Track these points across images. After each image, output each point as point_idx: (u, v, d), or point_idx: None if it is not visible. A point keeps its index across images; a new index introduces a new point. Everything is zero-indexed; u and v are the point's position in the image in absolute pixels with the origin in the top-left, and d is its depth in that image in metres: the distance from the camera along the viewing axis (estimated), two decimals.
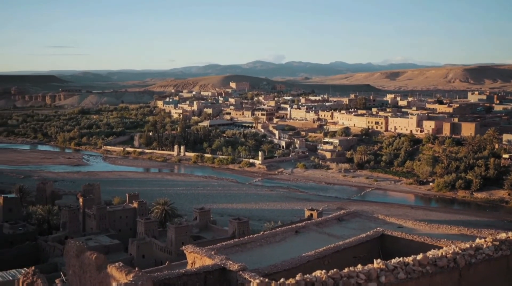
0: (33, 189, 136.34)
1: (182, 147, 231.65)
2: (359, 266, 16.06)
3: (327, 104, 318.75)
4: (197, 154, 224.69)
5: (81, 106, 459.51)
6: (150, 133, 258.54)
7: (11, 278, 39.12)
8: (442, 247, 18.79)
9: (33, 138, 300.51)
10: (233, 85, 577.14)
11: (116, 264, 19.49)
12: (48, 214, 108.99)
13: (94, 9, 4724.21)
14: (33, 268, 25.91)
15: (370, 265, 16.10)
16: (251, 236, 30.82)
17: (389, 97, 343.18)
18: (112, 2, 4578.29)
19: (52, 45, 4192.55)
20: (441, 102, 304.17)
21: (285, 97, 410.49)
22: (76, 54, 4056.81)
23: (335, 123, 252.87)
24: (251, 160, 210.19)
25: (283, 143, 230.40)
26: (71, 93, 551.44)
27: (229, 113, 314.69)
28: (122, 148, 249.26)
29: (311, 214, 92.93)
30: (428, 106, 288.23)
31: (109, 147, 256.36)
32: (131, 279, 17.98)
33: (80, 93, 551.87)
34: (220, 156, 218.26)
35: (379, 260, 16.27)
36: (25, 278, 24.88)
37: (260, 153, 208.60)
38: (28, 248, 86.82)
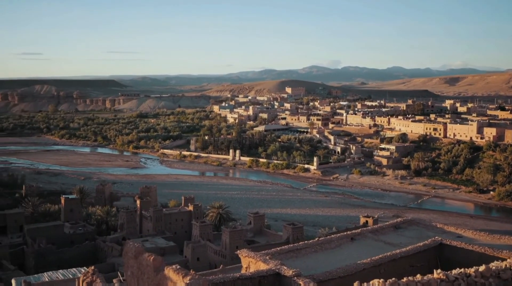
0: (93, 190, 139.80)
1: (238, 152, 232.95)
2: (418, 276, 15.68)
3: (383, 109, 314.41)
4: (252, 158, 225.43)
5: (140, 110, 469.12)
6: (206, 137, 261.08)
7: (71, 277, 40.12)
8: (505, 259, 18.17)
9: (93, 140, 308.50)
10: (288, 90, 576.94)
11: (173, 266, 19.72)
12: (107, 215, 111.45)
13: (153, 15, 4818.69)
14: (92, 267, 26.49)
15: (429, 275, 15.71)
16: (305, 242, 30.63)
17: (448, 103, 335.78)
18: (170, 9, 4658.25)
19: (113, 51, 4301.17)
20: (503, 109, 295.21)
21: (341, 103, 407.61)
22: (135, 59, 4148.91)
23: (391, 129, 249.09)
24: (306, 166, 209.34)
25: (338, 149, 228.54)
26: (130, 97, 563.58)
27: (284, 118, 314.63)
28: (178, 152, 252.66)
29: (367, 221, 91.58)
30: (489, 112, 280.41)
31: (165, 151, 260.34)
32: (188, 281, 18.15)
33: (139, 98, 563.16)
34: (275, 161, 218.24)
35: (439, 271, 15.86)
36: (85, 277, 25.47)
37: (315, 159, 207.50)
38: (87, 248, 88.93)
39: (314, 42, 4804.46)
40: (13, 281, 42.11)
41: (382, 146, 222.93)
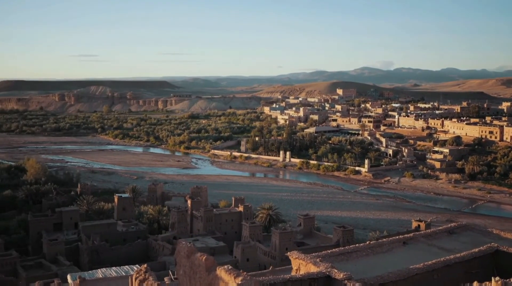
0: (145, 189, 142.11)
1: (288, 153, 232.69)
2: (475, 283, 15.34)
3: (437, 112, 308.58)
4: (302, 160, 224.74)
5: (191, 111, 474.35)
6: (257, 139, 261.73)
7: (124, 274, 40.92)
8: None
9: (145, 141, 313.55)
10: (340, 91, 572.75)
11: (225, 266, 19.88)
12: (158, 214, 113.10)
13: (205, 17, 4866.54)
14: (145, 265, 26.94)
15: (487, 282, 15.34)
16: (356, 245, 30.39)
17: (505, 105, 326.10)
18: (221, 10, 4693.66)
19: (165, 52, 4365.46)
20: None
21: (393, 104, 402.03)
22: (187, 61, 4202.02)
23: (445, 132, 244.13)
24: (357, 168, 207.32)
25: (390, 151, 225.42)
26: (181, 98, 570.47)
27: (335, 120, 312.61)
28: (229, 153, 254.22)
29: (419, 225, 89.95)
30: None
31: (216, 151, 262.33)
32: (239, 282, 18.26)
33: (190, 99, 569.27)
34: (326, 163, 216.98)
35: (497, 278, 15.46)
36: (137, 275, 25.93)
37: (366, 161, 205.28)
38: (139, 246, 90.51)
39: (366, 43, 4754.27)
40: (68, 277, 43.24)
41: (435, 149, 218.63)
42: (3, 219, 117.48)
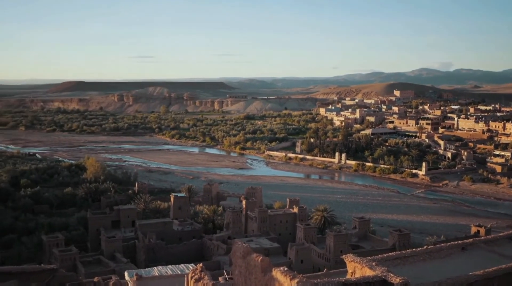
0: (200, 189, 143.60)
1: (343, 155, 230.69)
2: None
3: (498, 114, 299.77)
4: (358, 162, 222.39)
5: (247, 111, 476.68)
6: (312, 140, 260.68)
7: (179, 272, 41.41)
8: None
9: (201, 141, 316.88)
10: (397, 93, 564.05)
11: (281, 268, 19.85)
12: (213, 214, 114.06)
13: (260, 18, 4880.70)
14: (201, 264, 27.18)
15: None
16: (413, 249, 29.84)
17: None
18: (277, 12, 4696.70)
19: (222, 54, 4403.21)
20: None
21: (452, 106, 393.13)
22: (243, 62, 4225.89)
23: (507, 135, 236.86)
24: (414, 171, 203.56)
25: (448, 154, 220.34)
26: (237, 99, 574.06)
27: (392, 122, 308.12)
28: (284, 154, 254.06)
29: (478, 231, 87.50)
30: None
31: (271, 152, 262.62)
32: (296, 284, 18.19)
33: (246, 99, 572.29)
34: (382, 165, 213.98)
35: None
36: (193, 274, 26.20)
37: (423, 164, 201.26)
38: (194, 245, 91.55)
39: (424, 44, 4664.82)
40: (126, 273, 44.07)
41: (497, 152, 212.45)
42: (64, 216, 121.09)
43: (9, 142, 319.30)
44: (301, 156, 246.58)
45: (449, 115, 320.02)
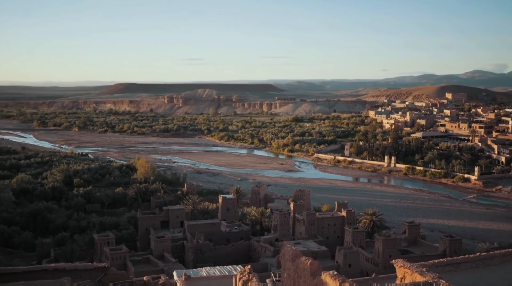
0: (248, 191, 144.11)
1: (393, 158, 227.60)
2: None
3: None
4: (408, 166, 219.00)
5: (295, 114, 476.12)
6: (361, 143, 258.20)
7: (227, 273, 41.54)
8: None
9: (250, 143, 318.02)
10: (448, 95, 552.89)
11: (331, 272, 19.71)
12: (261, 216, 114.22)
13: (309, 21, 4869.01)
14: (249, 266, 27.24)
15: None
16: (465, 256, 29.17)
17: None
18: (326, 14, 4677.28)
19: (270, 56, 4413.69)
20: None
21: (507, 109, 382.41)
22: (292, 64, 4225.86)
23: None
24: (466, 175, 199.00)
25: (502, 159, 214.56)
26: (286, 102, 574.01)
27: (443, 125, 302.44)
28: (332, 156, 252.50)
29: None
30: None
31: (320, 155, 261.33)
32: None
33: (295, 102, 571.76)
34: (432, 169, 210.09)
35: None
36: (241, 275, 26.26)
37: (476, 168, 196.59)
38: (241, 247, 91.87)
39: (477, 45, 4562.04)
40: (174, 273, 44.48)
41: None
42: (115, 215, 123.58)
43: (63, 142, 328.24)
44: (349, 159, 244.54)
45: (503, 118, 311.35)
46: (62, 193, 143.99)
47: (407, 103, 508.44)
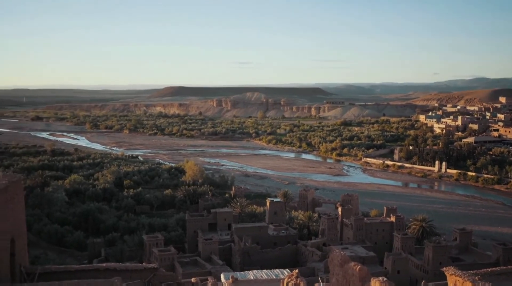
0: (296, 195, 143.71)
1: (444, 164, 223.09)
2: None
3: None
4: (459, 171, 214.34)
5: (344, 118, 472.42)
6: (411, 147, 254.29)
7: (274, 277, 41.54)
8: None
9: (298, 147, 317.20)
10: (502, 99, 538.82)
11: (380, 278, 19.44)
12: (308, 220, 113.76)
13: (358, 23, 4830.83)
14: (297, 270, 27.15)
15: None
16: None
17: None
18: (373, 17, 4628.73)
19: (319, 59, 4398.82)
20: None
21: None
22: (340, 67, 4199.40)
23: None
24: None
25: None
26: (334, 105, 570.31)
27: (497, 130, 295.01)
28: (381, 161, 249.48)
29: None
30: None
31: (368, 159, 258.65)
32: None
33: (343, 105, 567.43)
34: (485, 175, 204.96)
35: None
36: (289, 279, 26.19)
37: None
38: (289, 250, 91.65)
39: None
40: (222, 276, 44.76)
41: None
42: (163, 217, 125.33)
43: (114, 144, 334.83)
44: (399, 163, 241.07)
45: None
46: (113, 194, 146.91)
47: (458, 107, 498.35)
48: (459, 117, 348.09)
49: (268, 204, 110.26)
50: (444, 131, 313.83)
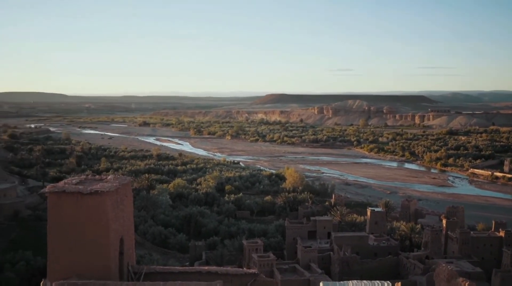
0: (398, 205, 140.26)
1: None
2: None
3: None
4: None
5: (449, 126, 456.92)
6: None
7: None
8: None
9: (400, 156, 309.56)
10: None
11: None
12: (411, 232, 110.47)
13: (463, 29, 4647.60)
14: (399, 283, 26.33)
15: None
16: None
17: None
18: (481, 26, 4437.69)
19: (424, 66, 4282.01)
20: None
21: None
22: (446, 74, 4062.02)
23: None
24: None
25: None
26: (439, 114, 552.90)
27: None
28: (490, 172, 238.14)
29: None
30: None
31: (476, 170, 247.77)
32: None
33: (449, 114, 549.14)
34: None
35: None
36: None
37: None
38: (389, 262, 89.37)
39: None
40: (321, 284, 44.30)
41: None
42: (263, 223, 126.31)
43: (217, 150, 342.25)
44: (509, 175, 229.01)
45: None
46: (214, 198, 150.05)
47: None
48: None
49: (369, 213, 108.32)
50: None
